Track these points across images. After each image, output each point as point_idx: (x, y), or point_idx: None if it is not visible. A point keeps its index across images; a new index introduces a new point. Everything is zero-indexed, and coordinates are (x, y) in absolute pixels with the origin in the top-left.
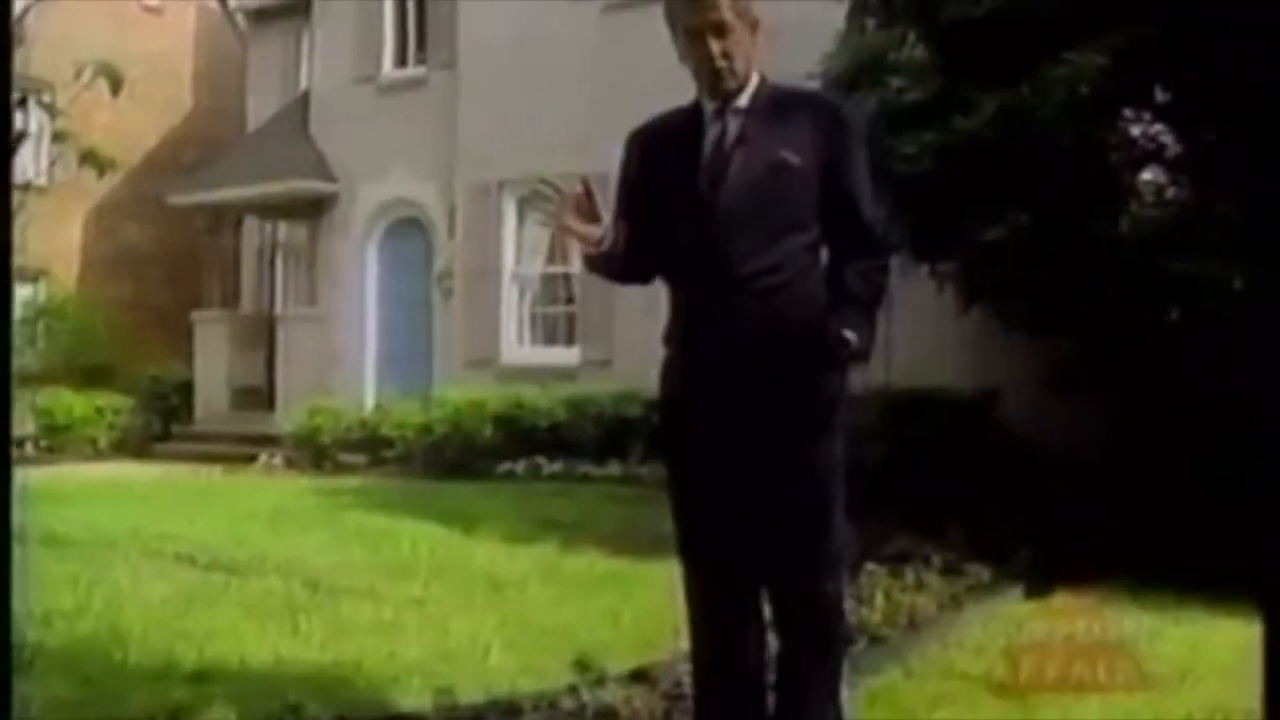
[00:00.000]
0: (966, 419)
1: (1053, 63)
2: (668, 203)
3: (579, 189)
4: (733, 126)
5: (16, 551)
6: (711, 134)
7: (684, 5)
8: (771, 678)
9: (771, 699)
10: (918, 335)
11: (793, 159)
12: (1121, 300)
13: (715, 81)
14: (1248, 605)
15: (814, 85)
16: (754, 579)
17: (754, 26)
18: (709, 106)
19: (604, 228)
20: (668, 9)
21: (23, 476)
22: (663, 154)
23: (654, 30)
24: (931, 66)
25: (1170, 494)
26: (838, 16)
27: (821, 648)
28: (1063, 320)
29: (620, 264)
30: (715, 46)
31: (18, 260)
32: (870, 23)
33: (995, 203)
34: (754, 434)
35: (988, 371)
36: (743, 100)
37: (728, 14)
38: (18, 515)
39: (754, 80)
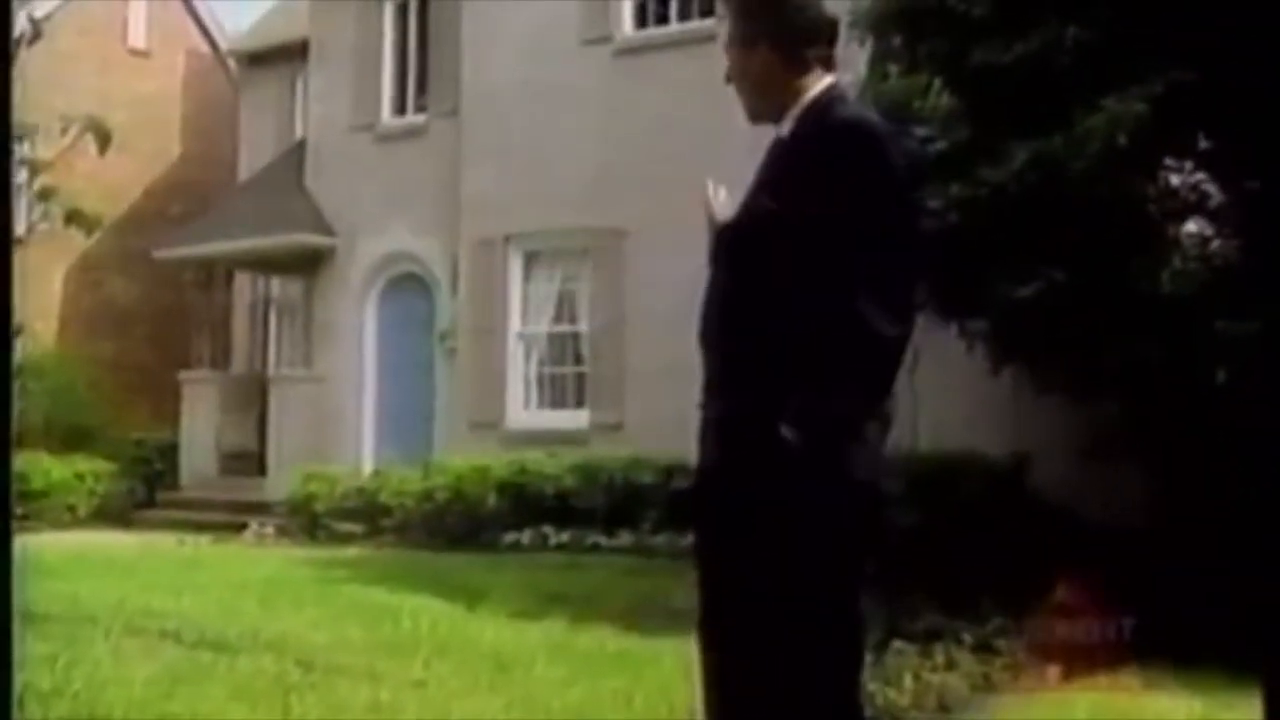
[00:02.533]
0: (998, 486)
1: (1088, 111)
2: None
3: None
4: (761, 169)
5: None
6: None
7: None
8: None
9: None
10: (946, 397)
11: (779, 210)
12: (1163, 361)
13: (744, 106)
14: None
15: None
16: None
17: (750, 40)
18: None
19: None
20: None
21: None
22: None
23: (670, 75)
24: (958, 115)
25: (1217, 568)
26: (860, 62)
27: None
28: (1100, 382)
29: None
30: (729, 66)
31: None
32: (893, 69)
33: (1028, 258)
34: (731, 525)
35: (1020, 436)
36: (785, 128)
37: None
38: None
39: (802, 103)
